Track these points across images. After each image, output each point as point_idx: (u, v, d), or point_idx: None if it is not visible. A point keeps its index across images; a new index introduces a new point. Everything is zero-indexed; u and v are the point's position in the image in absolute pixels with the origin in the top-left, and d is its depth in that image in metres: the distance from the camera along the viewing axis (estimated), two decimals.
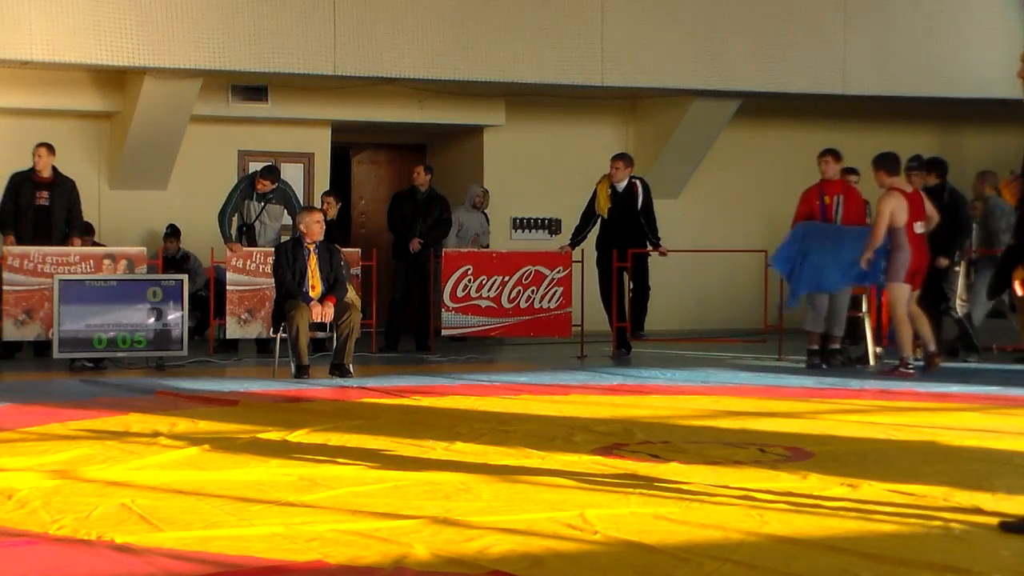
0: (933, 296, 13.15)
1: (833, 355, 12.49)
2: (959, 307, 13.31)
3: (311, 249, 11.65)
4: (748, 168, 18.09)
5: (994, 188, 14.10)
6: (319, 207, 14.11)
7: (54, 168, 13.34)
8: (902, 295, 11.93)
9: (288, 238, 13.89)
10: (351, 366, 11.52)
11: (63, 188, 13.33)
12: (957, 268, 13.26)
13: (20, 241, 13.08)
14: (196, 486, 6.06)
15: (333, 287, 11.61)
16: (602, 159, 14.95)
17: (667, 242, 14.41)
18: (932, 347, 12.18)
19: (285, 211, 14.03)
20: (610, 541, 4.98)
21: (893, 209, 11.79)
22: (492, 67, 15.57)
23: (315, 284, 11.60)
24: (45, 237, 13.14)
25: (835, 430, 8.16)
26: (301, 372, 11.34)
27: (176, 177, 16.08)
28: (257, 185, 13.84)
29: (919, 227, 11.95)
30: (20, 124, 15.33)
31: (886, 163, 12.02)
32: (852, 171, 13.11)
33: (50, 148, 13.30)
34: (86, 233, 14.58)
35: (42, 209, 13.25)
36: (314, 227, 11.67)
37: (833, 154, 12.58)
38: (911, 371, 11.78)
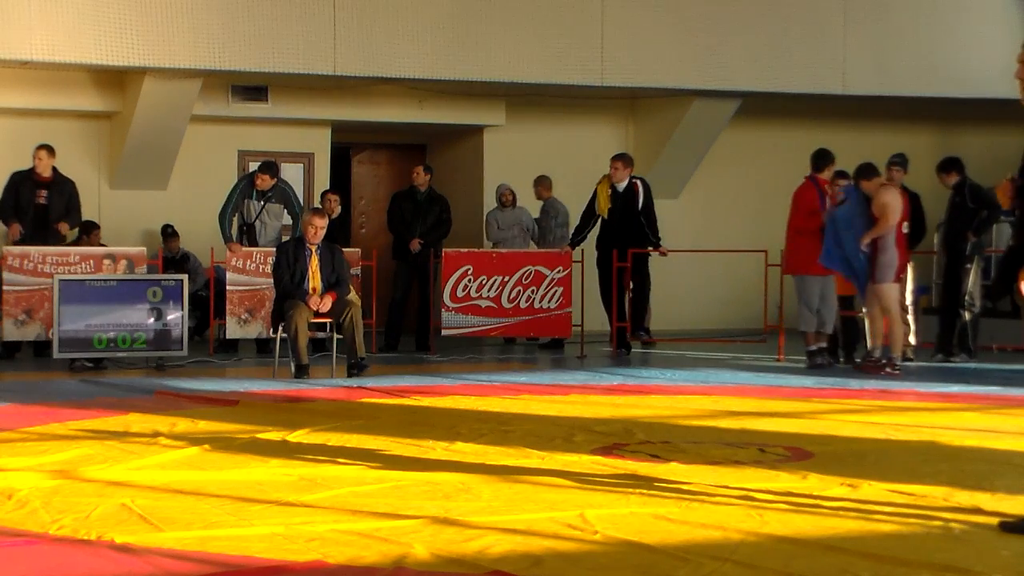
0: (951, 294, 13.23)
1: (819, 354, 12.52)
2: (968, 305, 13.28)
3: (313, 250, 11.63)
4: (748, 168, 18.08)
5: (549, 191, 15.08)
6: (324, 208, 14.14)
7: (54, 168, 13.35)
8: (894, 295, 11.97)
9: (288, 238, 13.88)
10: (365, 359, 11.46)
11: (63, 188, 13.33)
12: (969, 265, 13.26)
13: (20, 238, 13.08)
14: (196, 486, 6.06)
15: (335, 286, 11.58)
16: (602, 159, 14.95)
17: (667, 242, 14.43)
18: (878, 352, 12.10)
19: (285, 210, 14.00)
20: (610, 541, 4.98)
21: (897, 204, 11.88)
22: (492, 67, 15.56)
23: (316, 286, 11.58)
24: (43, 237, 13.12)
25: (835, 430, 8.17)
26: (300, 372, 11.33)
27: (176, 177, 16.07)
28: (257, 181, 13.79)
29: (905, 227, 12.06)
30: (20, 124, 15.32)
31: (861, 172, 12.16)
32: (843, 175, 13.15)
33: (50, 150, 13.30)
34: (90, 231, 14.59)
35: (41, 208, 13.25)
36: (320, 232, 11.60)
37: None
38: (897, 371, 11.82)
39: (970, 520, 5.37)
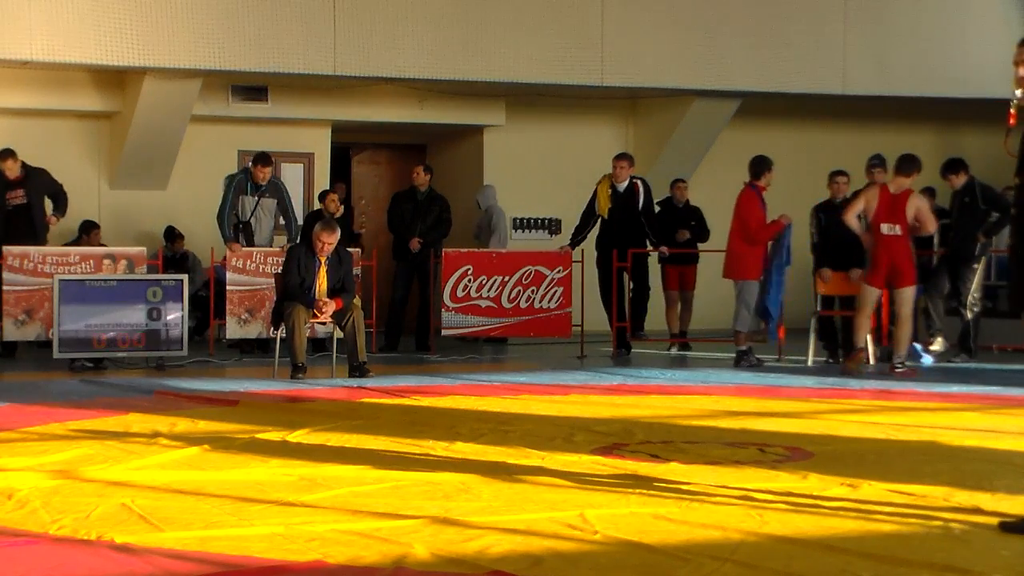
0: (948, 293, 13.27)
1: (749, 354, 12.67)
2: (971, 306, 13.27)
3: (323, 260, 11.58)
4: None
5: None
6: (330, 209, 14.15)
7: (23, 164, 13.29)
8: (863, 297, 11.93)
9: (283, 237, 13.86)
10: (366, 362, 11.43)
11: (37, 181, 13.29)
12: (976, 266, 13.25)
13: None
14: (196, 486, 6.05)
15: (339, 292, 11.54)
16: (602, 159, 14.95)
17: (666, 241, 14.42)
18: (860, 345, 12.07)
19: (278, 208, 13.90)
20: (610, 541, 4.98)
21: (868, 199, 11.85)
22: (492, 67, 15.56)
23: (321, 296, 11.51)
24: (30, 236, 13.06)
25: (835, 430, 8.16)
26: (296, 372, 11.29)
27: (176, 177, 16.07)
28: (257, 174, 13.67)
29: (885, 228, 11.85)
30: (20, 124, 15.33)
31: (898, 164, 11.98)
32: (841, 173, 13.15)
33: (14, 155, 13.25)
34: (90, 231, 14.60)
35: (20, 208, 13.21)
36: (329, 248, 11.55)
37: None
38: (903, 368, 11.85)
39: (970, 520, 5.36)
